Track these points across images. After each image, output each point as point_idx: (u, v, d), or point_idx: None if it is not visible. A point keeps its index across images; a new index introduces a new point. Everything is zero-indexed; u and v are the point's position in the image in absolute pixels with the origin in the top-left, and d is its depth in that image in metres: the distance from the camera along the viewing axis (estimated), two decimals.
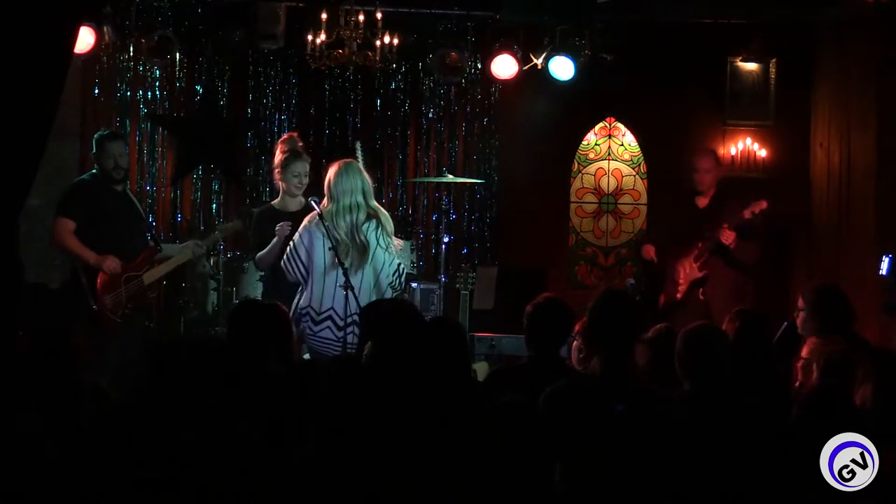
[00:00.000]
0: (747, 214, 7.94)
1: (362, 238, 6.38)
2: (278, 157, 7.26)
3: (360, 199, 6.42)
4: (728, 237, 7.95)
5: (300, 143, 7.33)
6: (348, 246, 6.36)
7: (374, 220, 6.43)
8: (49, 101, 4.90)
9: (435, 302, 8.52)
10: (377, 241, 6.42)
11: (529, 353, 4.85)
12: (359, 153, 7.63)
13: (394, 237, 6.60)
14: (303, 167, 7.08)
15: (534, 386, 4.07)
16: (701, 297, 8.12)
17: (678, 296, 8.18)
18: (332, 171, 6.52)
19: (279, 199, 7.23)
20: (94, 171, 7.26)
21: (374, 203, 6.51)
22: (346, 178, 6.43)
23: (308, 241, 6.45)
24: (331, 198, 6.45)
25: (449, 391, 4.11)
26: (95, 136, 7.44)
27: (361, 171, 6.52)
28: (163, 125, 9.73)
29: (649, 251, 8.34)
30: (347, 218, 6.39)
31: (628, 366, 4.26)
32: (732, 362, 4.38)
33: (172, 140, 9.76)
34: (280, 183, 7.20)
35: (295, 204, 7.11)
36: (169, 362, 3.90)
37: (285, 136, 7.49)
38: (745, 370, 4.75)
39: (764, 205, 7.94)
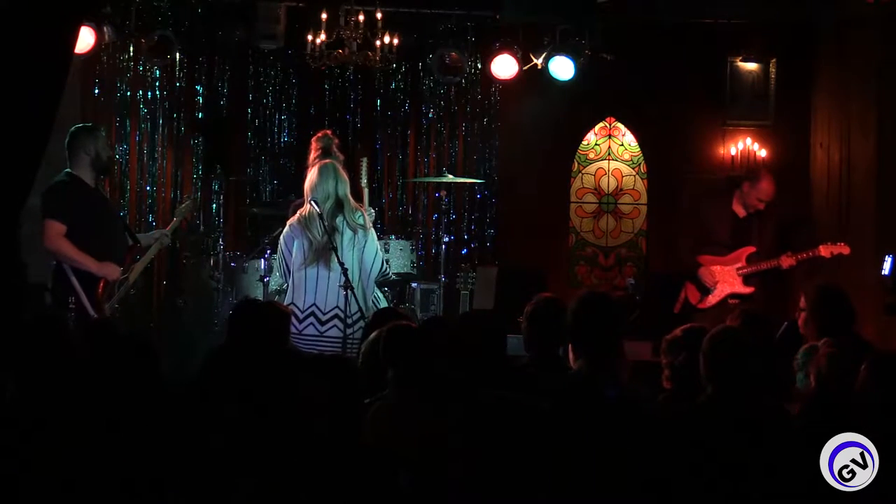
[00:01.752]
0: (827, 254, 7.68)
1: (328, 225, 6.37)
2: (312, 154, 7.23)
3: (334, 195, 6.45)
4: (790, 264, 7.74)
5: (336, 141, 7.30)
6: (321, 245, 6.37)
7: (341, 210, 6.44)
8: (49, 101, 4.91)
9: (435, 302, 8.52)
10: (345, 226, 6.42)
11: (529, 354, 4.85)
12: (363, 170, 7.60)
13: (366, 224, 6.56)
14: None
15: (534, 386, 4.09)
16: (731, 301, 7.88)
17: (713, 302, 7.83)
18: (310, 175, 6.56)
19: None
20: (67, 170, 6.71)
21: (345, 194, 6.49)
22: (322, 182, 6.46)
23: (290, 240, 6.49)
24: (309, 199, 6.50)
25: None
26: (76, 129, 6.85)
27: (337, 172, 6.53)
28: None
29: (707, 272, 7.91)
30: (320, 220, 6.40)
31: (609, 367, 4.24)
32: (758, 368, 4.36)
33: (190, 139, 9.75)
34: None
35: None
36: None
37: (319, 133, 7.41)
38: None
39: (847, 251, 7.69)
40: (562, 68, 9.19)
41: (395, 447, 3.78)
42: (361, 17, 8.45)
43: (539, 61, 9.25)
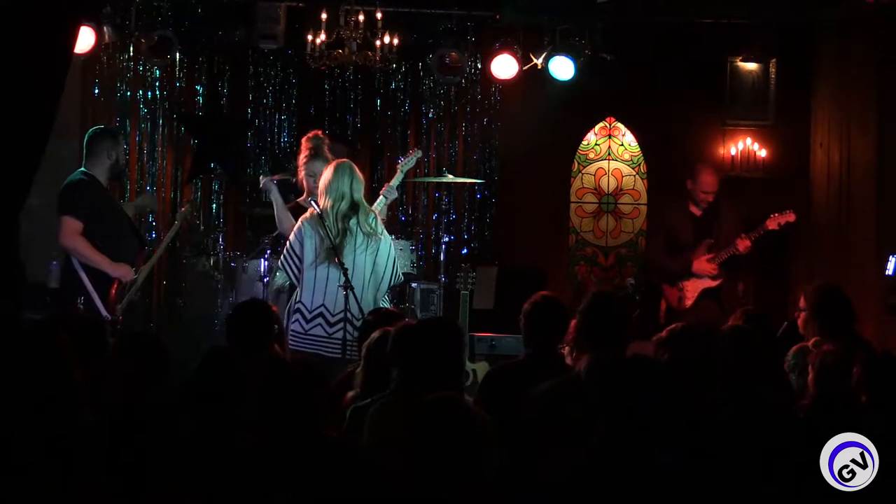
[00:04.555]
0: (774, 226, 7.82)
1: (340, 227, 6.37)
2: (302, 155, 7.22)
3: (349, 196, 6.44)
4: (746, 246, 7.87)
5: (327, 142, 7.27)
6: (333, 242, 6.36)
7: (355, 213, 6.43)
8: (49, 101, 4.91)
9: (435, 302, 8.52)
10: (358, 230, 6.41)
11: (528, 351, 4.85)
12: (410, 161, 7.48)
13: (378, 230, 6.55)
14: (319, 167, 7.01)
15: (533, 383, 4.08)
16: (710, 299, 8.04)
17: (687, 303, 8.08)
18: (326, 172, 6.55)
19: (304, 196, 7.18)
20: (83, 169, 6.74)
21: (360, 197, 6.50)
22: (336, 180, 6.46)
23: (301, 238, 6.48)
24: (324, 198, 6.49)
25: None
26: (101, 131, 6.97)
27: (352, 171, 6.53)
28: (185, 124, 9.72)
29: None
30: (332, 216, 6.40)
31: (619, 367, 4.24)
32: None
33: (190, 139, 9.75)
34: (302, 182, 7.19)
35: None
36: None
37: (310, 133, 7.39)
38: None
39: (792, 217, 7.83)
40: (562, 68, 9.19)
41: (395, 447, 3.78)
42: (361, 17, 8.45)
43: (539, 61, 9.25)
